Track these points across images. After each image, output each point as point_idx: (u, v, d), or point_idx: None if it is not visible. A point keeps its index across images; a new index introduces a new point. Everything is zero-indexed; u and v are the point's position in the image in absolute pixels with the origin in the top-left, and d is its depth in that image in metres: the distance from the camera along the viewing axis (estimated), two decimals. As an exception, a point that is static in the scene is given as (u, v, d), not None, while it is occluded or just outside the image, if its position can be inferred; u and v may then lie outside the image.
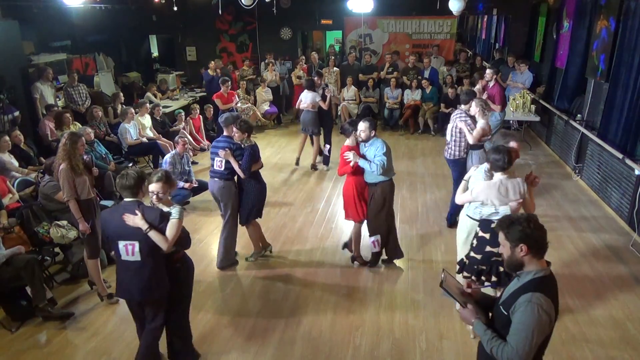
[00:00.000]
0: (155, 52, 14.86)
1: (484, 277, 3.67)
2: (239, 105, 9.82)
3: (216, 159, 4.85)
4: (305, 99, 7.89)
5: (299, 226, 6.15)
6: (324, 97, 7.85)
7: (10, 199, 5.40)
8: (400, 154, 8.88)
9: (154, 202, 3.34)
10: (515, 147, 4.17)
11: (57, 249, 5.07)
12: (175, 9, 8.64)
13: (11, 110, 7.00)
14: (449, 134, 5.75)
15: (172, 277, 3.42)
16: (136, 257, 3.26)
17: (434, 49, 11.29)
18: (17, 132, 6.48)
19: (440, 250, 5.47)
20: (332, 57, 10.98)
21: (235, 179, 4.94)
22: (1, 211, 5.01)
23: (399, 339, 4.02)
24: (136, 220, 3.18)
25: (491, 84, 7.33)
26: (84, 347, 4.00)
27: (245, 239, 5.36)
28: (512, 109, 8.82)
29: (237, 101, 9.61)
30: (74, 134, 4.40)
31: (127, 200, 3.30)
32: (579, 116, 7.55)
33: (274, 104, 11.10)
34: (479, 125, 5.34)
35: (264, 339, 4.05)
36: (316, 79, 8.03)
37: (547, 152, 8.99)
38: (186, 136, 8.52)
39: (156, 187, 3.29)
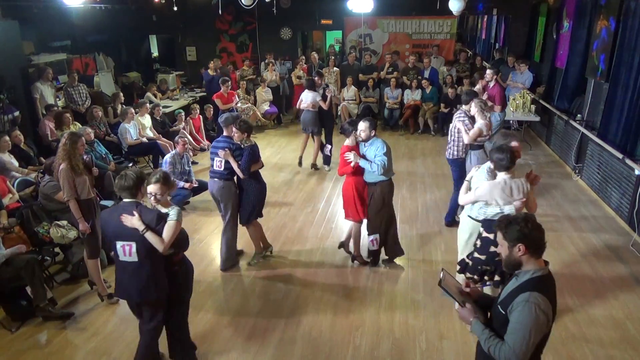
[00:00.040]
0: (155, 52, 14.85)
1: (487, 277, 3.67)
2: (239, 105, 9.82)
3: (216, 159, 4.85)
4: (305, 99, 7.89)
5: (299, 226, 6.15)
6: (324, 97, 7.85)
7: (10, 199, 5.40)
8: (400, 154, 8.88)
9: (152, 203, 3.33)
10: (516, 146, 4.16)
11: (57, 249, 5.08)
12: (175, 9, 8.64)
13: (11, 110, 7.00)
14: (449, 134, 5.79)
15: (170, 279, 3.41)
16: (133, 258, 3.25)
17: (434, 49, 11.29)
18: (17, 132, 6.48)
19: (440, 250, 5.48)
20: (332, 57, 10.99)
21: (235, 179, 4.95)
22: (1, 211, 5.01)
23: (399, 339, 4.02)
24: (133, 221, 3.18)
25: (491, 84, 7.33)
26: (84, 347, 4.00)
27: (245, 238, 5.36)
28: (512, 109, 8.82)
29: (237, 101, 9.61)
30: (74, 134, 4.41)
31: (126, 201, 3.29)
32: (579, 116, 7.56)
33: (274, 104, 11.10)
34: (476, 125, 5.35)
35: (264, 339, 4.06)
36: (317, 79, 8.03)
37: (547, 152, 8.99)
38: (186, 136, 8.52)
39: (154, 188, 3.28)
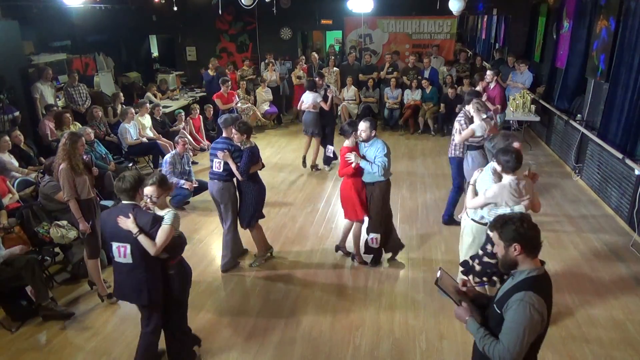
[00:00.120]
0: (155, 52, 14.84)
1: (496, 278, 3.65)
2: (239, 105, 9.81)
3: (215, 161, 4.84)
4: (306, 100, 7.85)
5: (299, 226, 6.15)
6: (325, 98, 7.83)
7: (10, 199, 5.40)
8: (400, 154, 8.88)
9: (149, 205, 3.33)
10: (518, 147, 4.16)
11: (57, 249, 5.08)
12: (175, 9, 8.64)
13: (11, 110, 7.01)
14: (452, 133, 5.82)
15: (167, 282, 3.41)
16: (128, 260, 3.26)
17: (434, 49, 11.29)
18: (17, 132, 6.48)
19: (440, 249, 5.48)
20: (332, 57, 10.99)
21: (234, 180, 4.94)
22: (1, 211, 5.01)
23: (399, 339, 4.02)
24: (128, 223, 3.19)
25: (492, 85, 7.32)
26: (84, 347, 4.00)
27: (246, 238, 5.35)
28: (512, 109, 8.82)
29: (237, 101, 9.60)
30: (74, 134, 4.41)
31: (124, 202, 3.31)
32: (579, 116, 7.56)
33: (274, 104, 11.10)
34: (470, 126, 5.38)
35: (264, 339, 4.06)
36: (317, 79, 7.99)
37: (547, 152, 8.99)
38: (186, 136, 8.52)
39: (150, 190, 3.27)
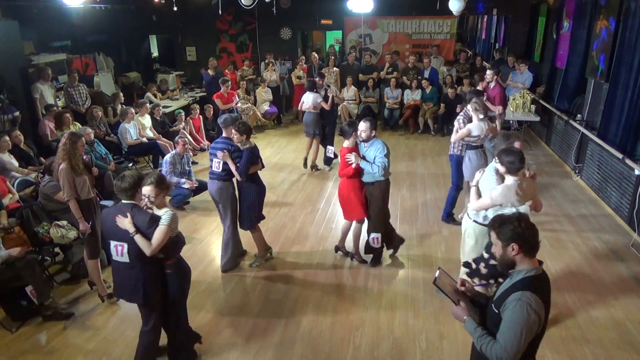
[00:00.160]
0: (155, 52, 14.84)
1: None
2: (239, 105, 9.81)
3: (214, 160, 4.84)
4: (307, 101, 7.83)
5: (299, 226, 6.15)
6: (326, 98, 7.81)
7: (10, 199, 5.40)
8: (400, 154, 8.88)
9: (147, 204, 3.33)
10: (519, 147, 4.16)
11: (57, 249, 5.08)
12: (175, 9, 8.64)
13: (11, 110, 7.00)
14: None
15: (165, 281, 3.41)
16: (125, 259, 3.28)
17: (434, 49, 11.29)
18: (17, 132, 6.48)
19: (440, 249, 5.48)
20: (332, 57, 10.98)
21: (233, 180, 4.94)
22: (1, 211, 5.01)
23: (399, 339, 4.02)
24: (125, 222, 3.20)
25: (492, 85, 7.32)
26: (84, 347, 4.00)
27: (246, 239, 5.35)
28: (512, 109, 8.82)
29: (237, 101, 9.60)
30: (74, 134, 4.41)
31: (124, 202, 3.32)
32: (579, 116, 7.56)
33: (274, 104, 11.10)
34: (468, 125, 5.42)
35: (264, 339, 4.06)
36: (318, 79, 7.97)
37: (547, 152, 8.99)
38: (186, 136, 8.53)
39: (147, 190, 3.27)
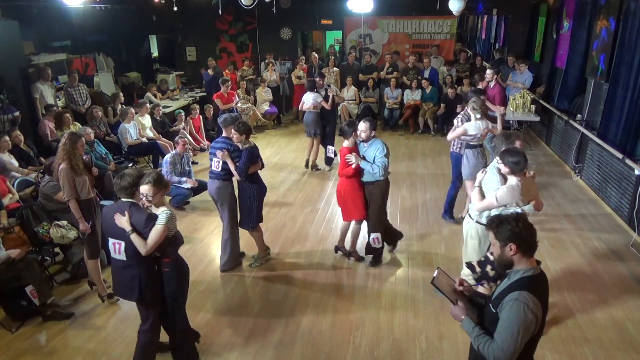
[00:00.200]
0: (155, 52, 14.84)
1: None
2: (239, 105, 9.81)
3: (214, 160, 4.84)
4: (307, 101, 7.83)
5: (299, 226, 6.14)
6: (326, 98, 7.81)
7: (10, 199, 5.40)
8: (400, 154, 8.87)
9: (145, 204, 3.34)
10: (519, 146, 4.17)
11: (57, 249, 5.08)
12: (175, 9, 8.64)
13: (11, 110, 7.01)
14: None
15: (162, 280, 3.42)
16: (122, 257, 3.31)
17: (434, 49, 11.29)
18: (17, 132, 6.48)
19: (440, 249, 5.48)
20: (332, 57, 10.98)
21: (233, 179, 4.93)
22: (1, 211, 5.02)
23: (399, 339, 4.02)
24: (122, 221, 3.22)
25: (492, 85, 7.33)
26: (84, 347, 4.00)
27: (244, 240, 5.34)
28: (512, 109, 8.82)
29: (237, 101, 9.60)
30: (74, 134, 4.41)
31: (123, 200, 3.34)
32: (579, 116, 7.56)
33: (274, 104, 11.10)
34: (465, 124, 5.49)
35: (264, 339, 4.06)
36: (318, 79, 7.97)
37: (547, 152, 8.99)
38: (186, 136, 8.53)
39: (145, 189, 3.27)
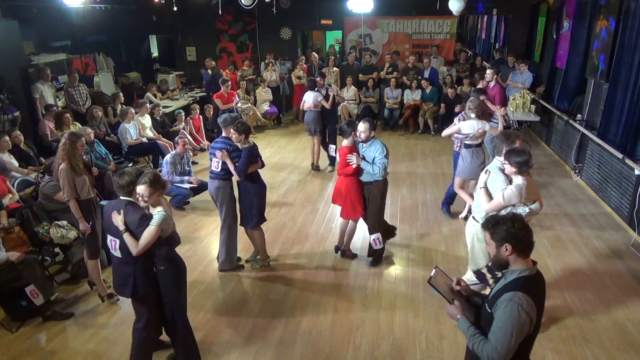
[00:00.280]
0: (155, 52, 14.84)
1: None
2: (239, 105, 9.82)
3: (213, 160, 4.84)
4: (308, 100, 7.84)
5: (299, 226, 6.15)
6: (327, 97, 7.82)
7: (10, 199, 5.40)
8: (400, 154, 8.87)
9: (141, 203, 3.34)
10: (519, 145, 4.18)
11: (57, 249, 5.08)
12: (175, 9, 8.65)
13: (11, 110, 7.01)
14: None
15: (157, 280, 3.44)
16: (118, 254, 3.36)
17: (434, 49, 11.29)
18: (17, 132, 6.48)
19: (440, 249, 5.48)
20: (332, 57, 10.99)
21: (233, 179, 4.93)
22: (1, 211, 5.02)
23: (399, 339, 4.02)
24: (117, 219, 3.26)
25: (492, 84, 7.33)
26: (83, 347, 4.00)
27: (243, 241, 5.32)
28: (512, 109, 8.81)
29: (237, 101, 9.60)
30: (74, 134, 4.41)
31: (122, 198, 3.36)
32: (579, 116, 7.55)
33: (274, 104, 11.10)
34: (460, 123, 5.62)
35: (264, 339, 4.06)
36: (319, 79, 7.96)
37: (547, 152, 8.99)
38: (186, 136, 8.53)
39: (141, 189, 3.27)
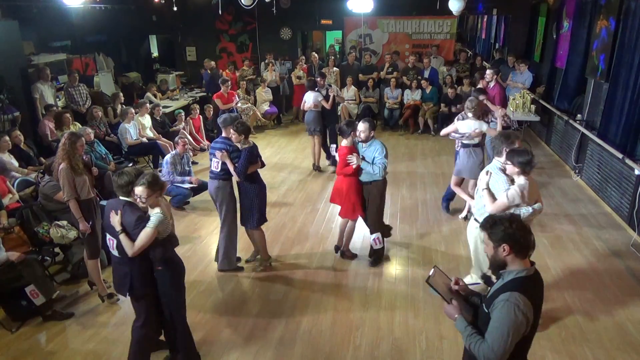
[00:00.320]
0: (155, 52, 14.85)
1: None
2: (239, 105, 9.82)
3: (213, 160, 4.84)
4: (308, 100, 7.84)
5: (299, 226, 6.15)
6: (327, 97, 7.82)
7: (10, 199, 5.41)
8: (400, 154, 8.87)
9: (139, 204, 3.34)
10: (519, 147, 4.18)
11: (57, 249, 5.08)
12: (175, 9, 8.65)
13: (11, 110, 7.01)
14: None
15: (155, 280, 3.44)
16: (116, 253, 3.38)
17: (434, 49, 11.29)
18: (17, 132, 6.48)
19: (440, 249, 5.48)
20: (332, 57, 10.99)
21: (233, 179, 4.92)
22: (1, 211, 5.02)
23: (399, 339, 4.02)
24: (114, 220, 3.28)
25: (492, 85, 7.33)
26: (84, 347, 4.00)
27: (243, 241, 5.33)
28: (512, 109, 8.81)
29: (237, 101, 9.60)
30: (74, 134, 4.41)
31: (120, 198, 3.37)
32: (579, 116, 7.55)
33: (273, 104, 11.10)
34: (457, 122, 5.68)
35: (264, 339, 4.06)
36: (319, 79, 7.96)
37: (547, 152, 8.99)
38: (186, 136, 8.53)
39: (139, 190, 3.27)
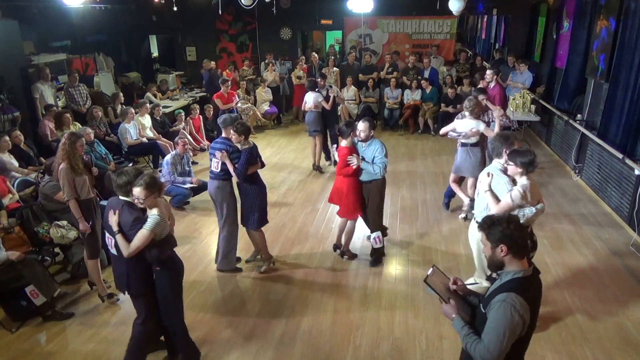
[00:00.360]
0: (155, 52, 14.84)
1: None
2: (239, 105, 9.82)
3: (213, 160, 4.84)
4: (309, 101, 7.84)
5: (299, 226, 6.15)
6: (327, 98, 7.81)
7: (10, 199, 5.41)
8: (400, 154, 8.87)
9: (137, 205, 3.34)
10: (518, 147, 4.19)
11: (57, 249, 5.08)
12: (175, 9, 8.65)
13: (11, 110, 7.01)
14: None
15: (153, 279, 3.46)
16: (114, 251, 3.41)
17: (434, 49, 11.30)
18: (17, 132, 6.48)
19: (440, 249, 5.48)
20: (332, 57, 10.99)
21: (232, 179, 4.92)
22: (1, 211, 5.02)
23: (399, 339, 4.02)
24: (112, 219, 3.30)
25: (492, 85, 7.33)
26: (83, 347, 4.00)
27: (243, 242, 5.33)
28: (512, 109, 8.82)
29: (237, 101, 9.60)
30: (73, 134, 4.41)
31: (120, 197, 3.38)
32: (579, 116, 7.55)
33: (273, 104, 11.11)
34: (455, 121, 5.73)
35: (264, 339, 4.06)
36: (320, 80, 7.96)
37: (547, 152, 8.99)
38: (186, 136, 8.53)
39: (137, 191, 3.26)
